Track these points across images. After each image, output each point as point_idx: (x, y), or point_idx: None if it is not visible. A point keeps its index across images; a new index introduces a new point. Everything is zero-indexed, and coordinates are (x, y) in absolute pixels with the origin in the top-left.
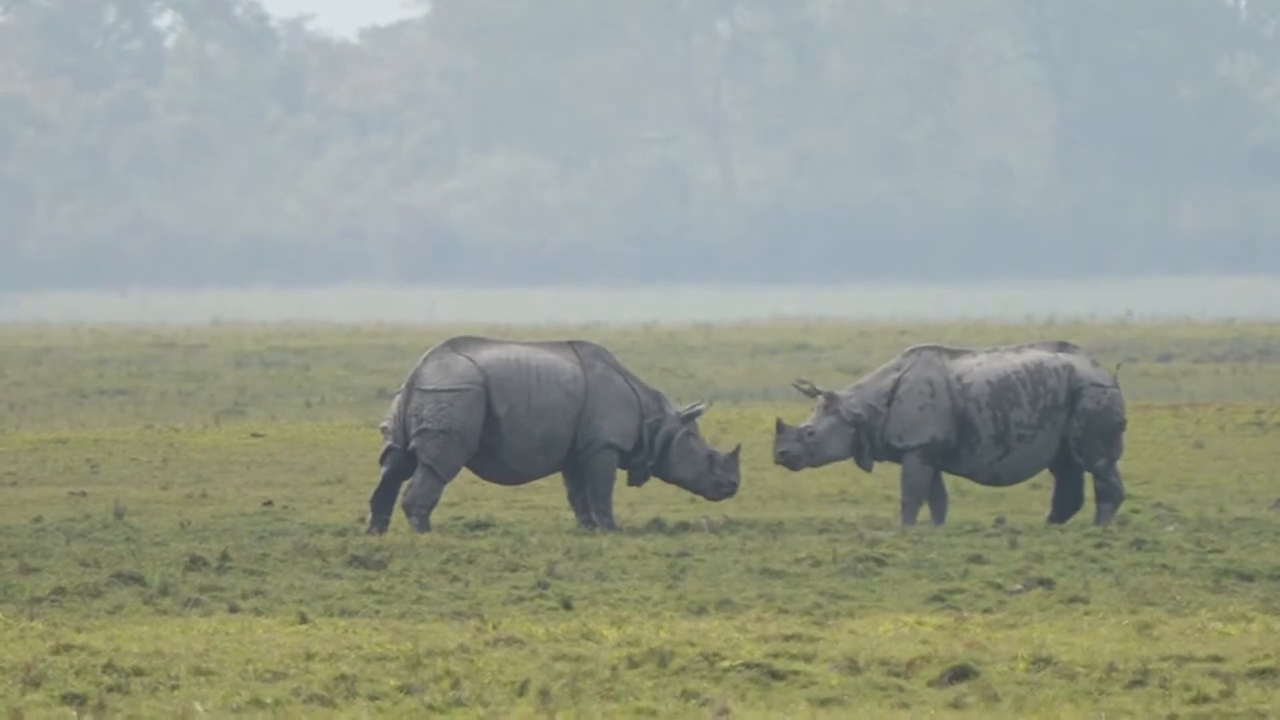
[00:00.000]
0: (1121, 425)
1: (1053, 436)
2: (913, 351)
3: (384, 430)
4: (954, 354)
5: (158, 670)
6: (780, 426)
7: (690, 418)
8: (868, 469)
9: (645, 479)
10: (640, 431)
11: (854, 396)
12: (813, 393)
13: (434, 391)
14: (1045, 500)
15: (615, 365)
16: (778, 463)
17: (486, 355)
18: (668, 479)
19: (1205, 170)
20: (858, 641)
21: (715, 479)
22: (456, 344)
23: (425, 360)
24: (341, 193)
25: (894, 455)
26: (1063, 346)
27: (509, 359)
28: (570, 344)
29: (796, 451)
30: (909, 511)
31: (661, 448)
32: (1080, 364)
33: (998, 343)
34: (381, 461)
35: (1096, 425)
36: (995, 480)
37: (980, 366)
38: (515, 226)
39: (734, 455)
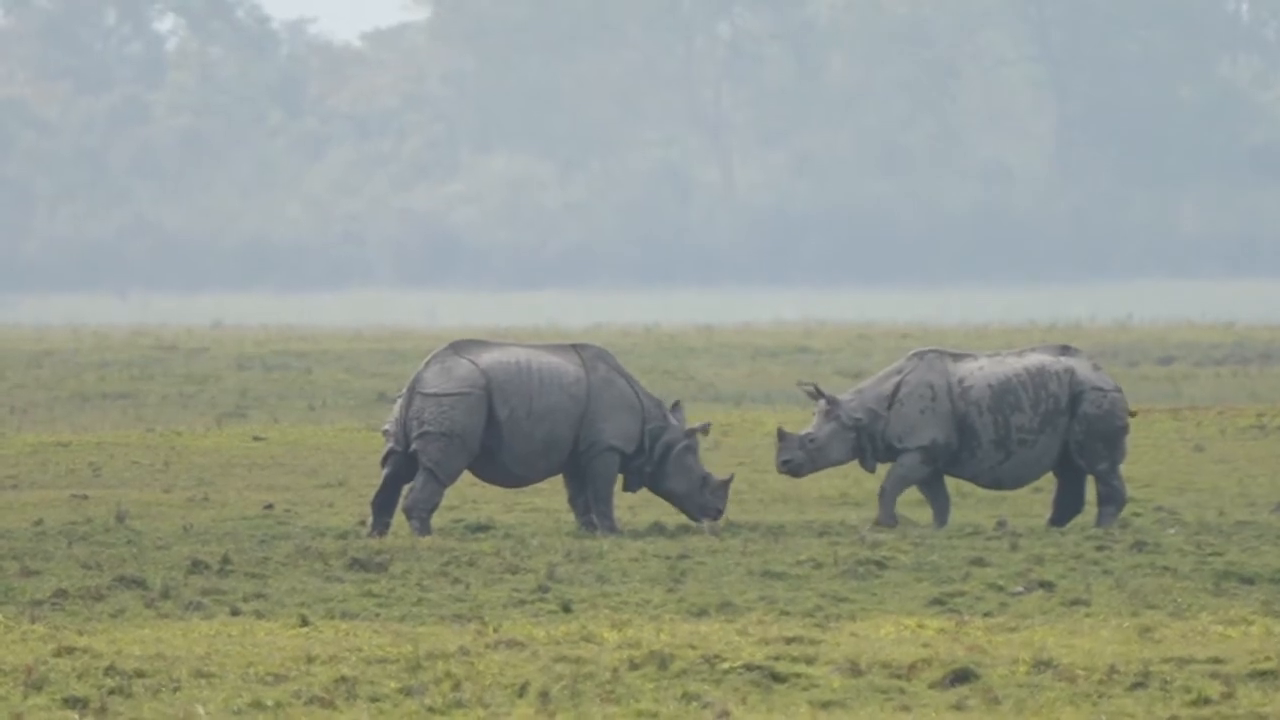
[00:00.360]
0: (1124, 429)
1: (1054, 441)
2: (915, 355)
3: (386, 433)
4: (956, 357)
5: (159, 673)
6: (781, 435)
7: (692, 432)
8: (871, 470)
9: (641, 485)
10: (642, 436)
11: (854, 400)
12: (815, 395)
13: (435, 395)
14: (1046, 503)
15: (618, 368)
16: (781, 472)
17: (488, 358)
18: (657, 490)
19: (1206, 172)
20: (859, 644)
21: (703, 501)
22: (459, 347)
23: (427, 364)
24: (342, 196)
25: (895, 457)
26: (1064, 350)
27: (511, 362)
28: (573, 347)
29: (800, 459)
30: (887, 500)
31: (660, 457)
32: (1082, 368)
33: (999, 346)
34: (383, 464)
35: (1098, 429)
36: (997, 484)
37: (982, 370)
38: (516, 228)
39: (725, 483)
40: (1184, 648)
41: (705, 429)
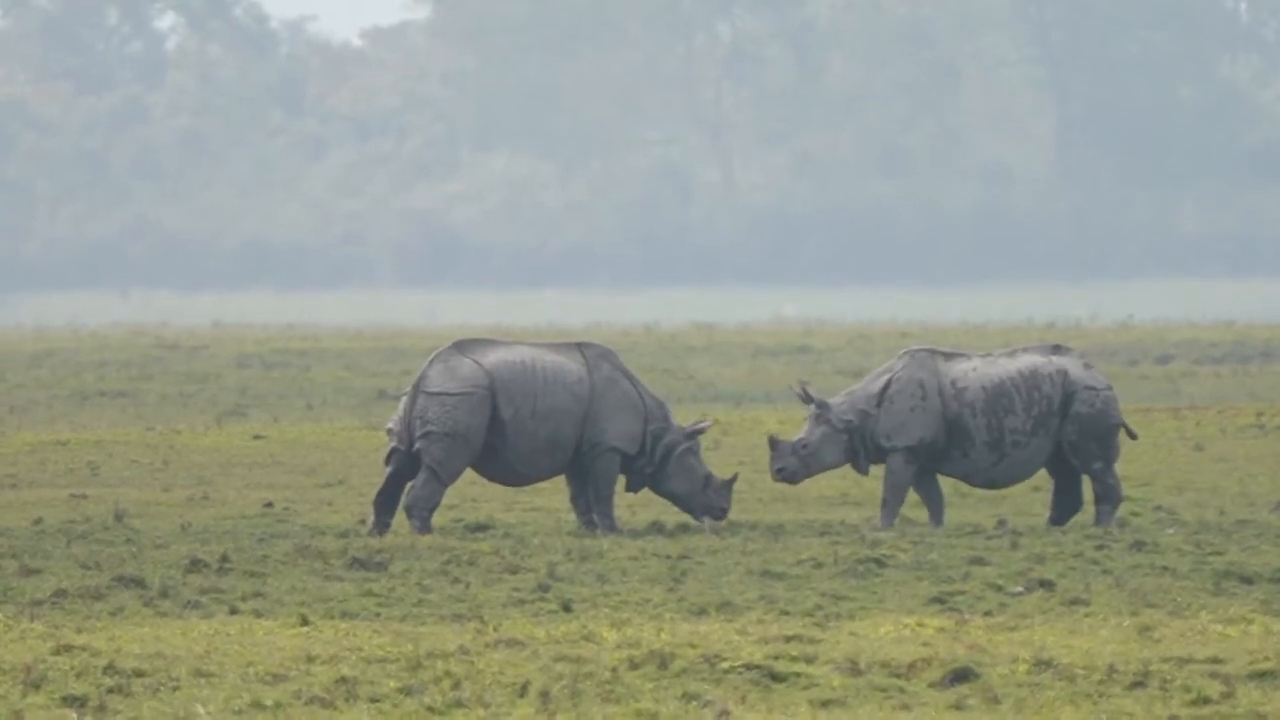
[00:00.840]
0: (1116, 427)
1: (1047, 442)
2: (906, 353)
3: (390, 431)
4: (949, 357)
5: (158, 672)
6: (774, 443)
7: (694, 434)
8: (864, 473)
9: (643, 485)
10: (644, 437)
11: (845, 403)
12: (805, 399)
13: (439, 394)
14: (1046, 502)
15: (622, 368)
16: (776, 480)
17: (493, 358)
18: (659, 491)
19: (1206, 172)
20: (858, 643)
21: (707, 500)
22: (463, 346)
23: (431, 362)
24: (342, 196)
25: (884, 455)
26: (1056, 349)
27: (515, 361)
28: (577, 345)
29: (793, 466)
30: (890, 510)
31: (661, 458)
32: (1074, 367)
33: (997, 346)
34: (386, 462)
35: (1091, 429)
36: (991, 484)
37: (975, 371)
38: (516, 228)
39: (729, 483)
40: (1183, 647)
41: (703, 428)
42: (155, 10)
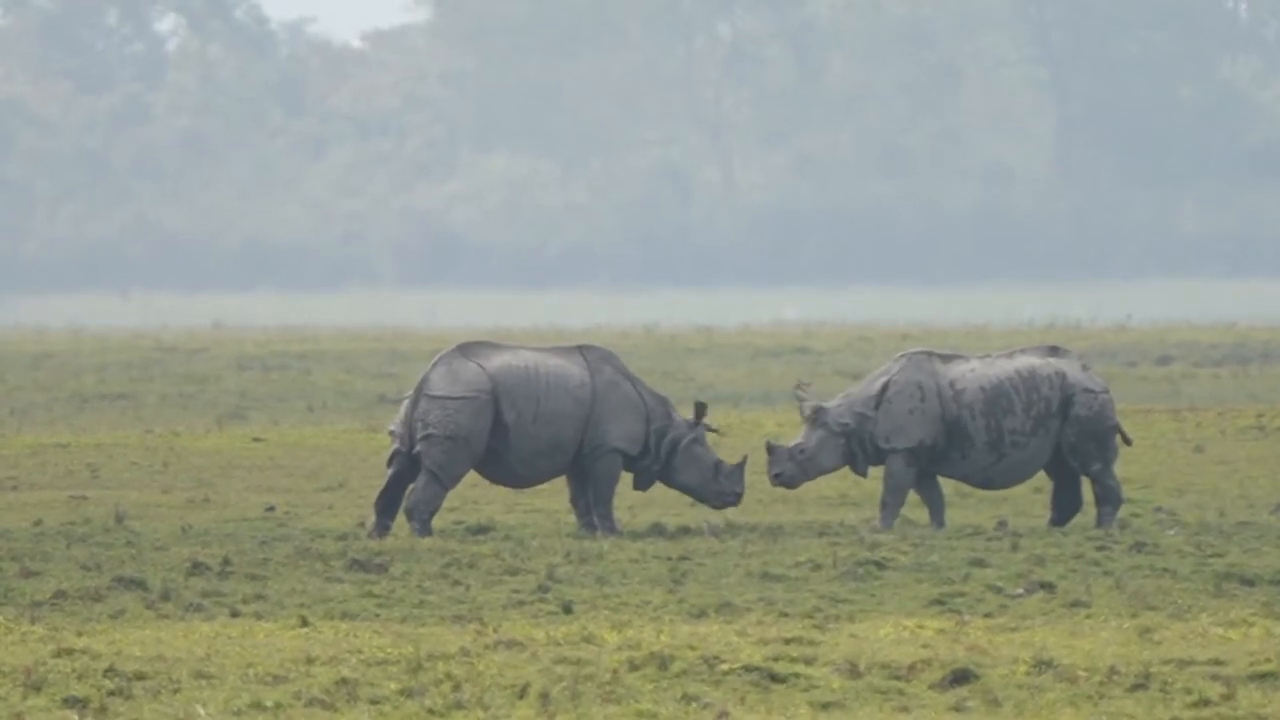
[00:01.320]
0: (1114, 429)
1: (1045, 443)
2: (903, 355)
3: (392, 433)
4: (946, 359)
5: (159, 674)
6: (771, 448)
7: (697, 425)
8: (863, 475)
9: (650, 483)
10: (646, 437)
11: (842, 406)
12: (802, 401)
13: (441, 398)
14: (1046, 504)
15: (623, 370)
16: (774, 485)
17: (496, 362)
18: (671, 484)
19: (1206, 172)
20: (858, 645)
21: (719, 488)
22: (466, 350)
23: (434, 365)
24: (343, 196)
25: (883, 457)
26: (1054, 351)
27: (518, 366)
28: (579, 349)
29: (791, 471)
30: (889, 512)
31: (667, 454)
32: (1072, 370)
33: (999, 347)
34: (388, 464)
35: (1089, 430)
36: (989, 485)
37: (974, 373)
38: (516, 228)
39: (739, 467)
40: (1184, 649)
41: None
42: (156, 11)
